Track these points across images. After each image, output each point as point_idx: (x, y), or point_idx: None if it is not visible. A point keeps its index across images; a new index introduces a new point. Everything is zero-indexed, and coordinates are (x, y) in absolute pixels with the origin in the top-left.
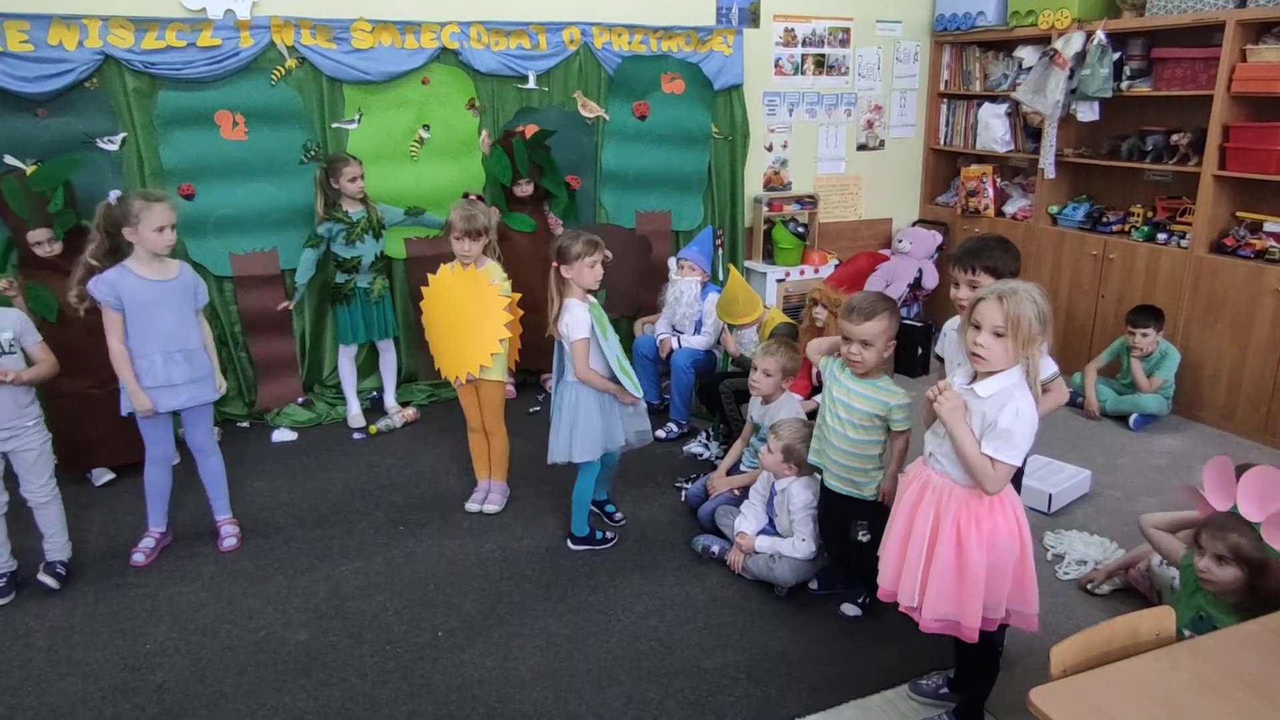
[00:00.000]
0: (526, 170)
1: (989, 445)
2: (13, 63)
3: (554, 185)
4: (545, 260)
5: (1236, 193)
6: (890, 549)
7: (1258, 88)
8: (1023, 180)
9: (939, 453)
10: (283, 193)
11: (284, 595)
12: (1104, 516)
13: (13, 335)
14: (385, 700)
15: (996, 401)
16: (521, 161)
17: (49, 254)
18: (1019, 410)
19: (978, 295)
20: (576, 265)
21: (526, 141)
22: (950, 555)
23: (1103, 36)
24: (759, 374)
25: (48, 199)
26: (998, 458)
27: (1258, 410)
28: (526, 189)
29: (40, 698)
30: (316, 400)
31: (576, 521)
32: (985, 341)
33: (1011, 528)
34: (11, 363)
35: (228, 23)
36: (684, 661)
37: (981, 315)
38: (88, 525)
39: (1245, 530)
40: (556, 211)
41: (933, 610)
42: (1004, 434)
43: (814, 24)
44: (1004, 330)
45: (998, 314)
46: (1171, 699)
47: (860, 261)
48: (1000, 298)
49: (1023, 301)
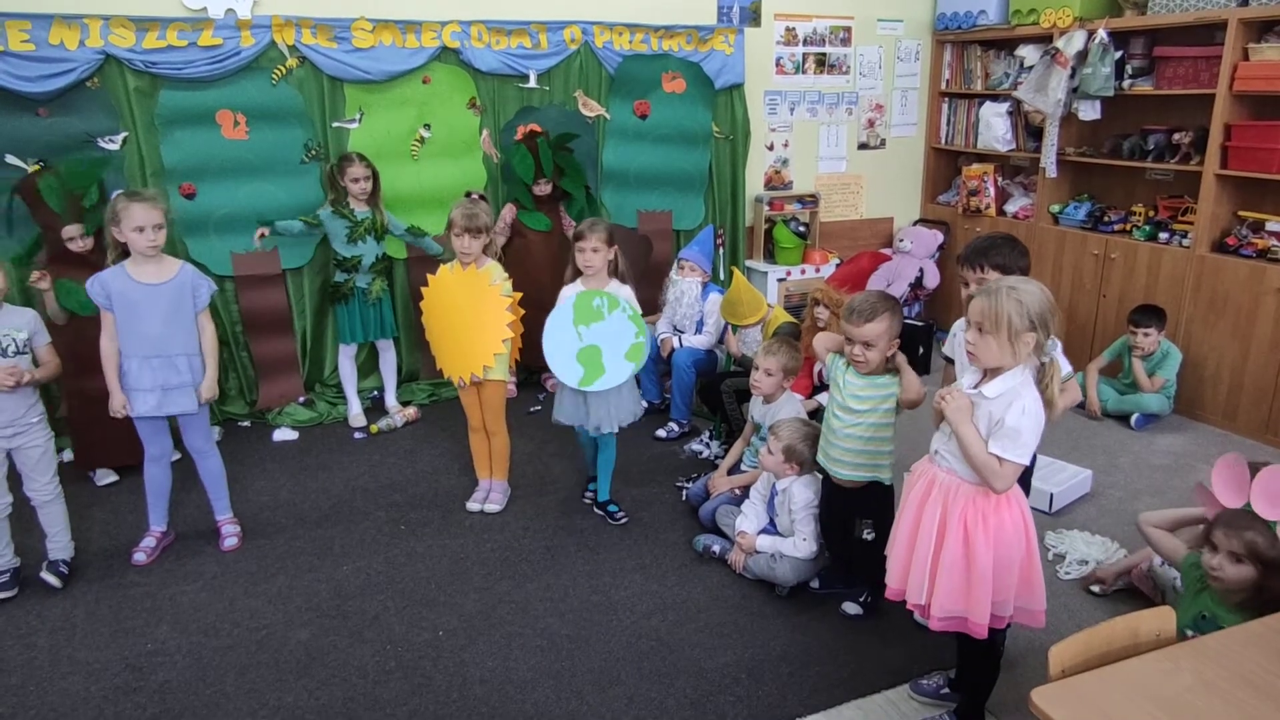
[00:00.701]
0: (550, 170)
1: (996, 444)
2: (14, 62)
3: (574, 187)
4: (556, 259)
5: (1238, 192)
6: (898, 547)
7: (1260, 86)
8: (1024, 179)
9: (945, 450)
10: (284, 192)
11: (285, 595)
12: (1105, 516)
13: (27, 335)
14: (386, 700)
15: (1004, 401)
16: (546, 161)
17: (81, 249)
18: (1025, 408)
19: (969, 293)
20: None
21: (551, 142)
22: (958, 552)
23: (1104, 35)
24: (760, 373)
25: (80, 195)
26: (1005, 456)
27: (1259, 410)
28: (545, 189)
29: (42, 696)
30: (317, 399)
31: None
32: (972, 338)
33: (1018, 524)
34: (26, 363)
35: (229, 22)
36: (685, 661)
37: (970, 312)
38: (90, 524)
39: (1260, 528)
40: (572, 214)
41: (941, 608)
42: (1011, 432)
43: (815, 23)
44: (986, 326)
45: (978, 310)
46: (1173, 699)
47: (862, 261)
48: (984, 294)
49: (1003, 298)
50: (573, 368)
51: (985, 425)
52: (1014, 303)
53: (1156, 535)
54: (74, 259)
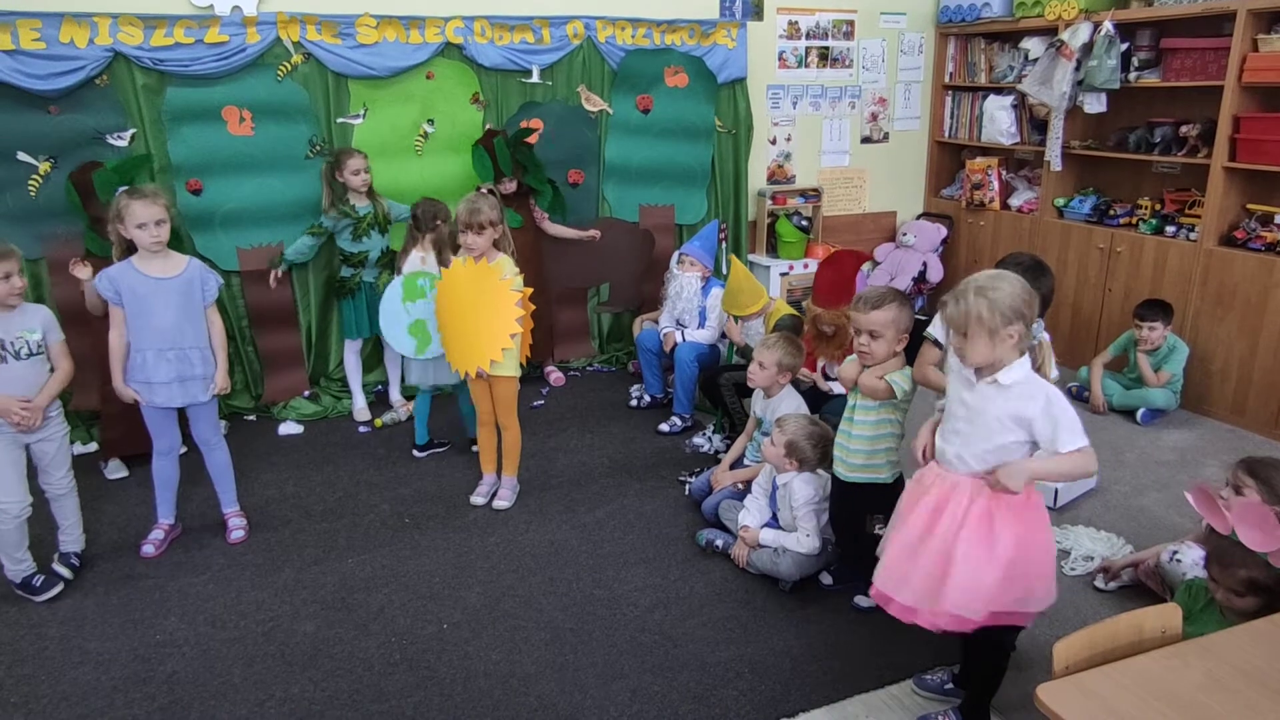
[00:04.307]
0: (510, 169)
1: (1065, 443)
2: (26, 60)
3: (537, 182)
4: (531, 254)
5: (1247, 185)
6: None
7: (1270, 78)
8: (1028, 173)
9: (966, 454)
10: (289, 187)
11: (291, 587)
12: (1111, 512)
13: (40, 335)
14: (392, 692)
15: (1023, 391)
16: (504, 160)
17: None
18: (1051, 397)
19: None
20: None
21: (508, 140)
22: (984, 548)
23: (1110, 27)
24: (754, 366)
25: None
26: (1078, 445)
27: (1268, 405)
28: (510, 187)
29: (54, 687)
30: (322, 393)
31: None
32: (956, 343)
33: (1041, 517)
34: (41, 363)
35: (235, 19)
36: (688, 655)
37: (946, 319)
38: (99, 517)
39: (1251, 560)
40: (543, 206)
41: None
42: (1066, 424)
43: (818, 16)
44: (963, 330)
45: (951, 316)
46: (1181, 696)
47: (843, 264)
48: (955, 299)
49: (971, 299)
50: (406, 339)
51: (1011, 422)
52: (983, 302)
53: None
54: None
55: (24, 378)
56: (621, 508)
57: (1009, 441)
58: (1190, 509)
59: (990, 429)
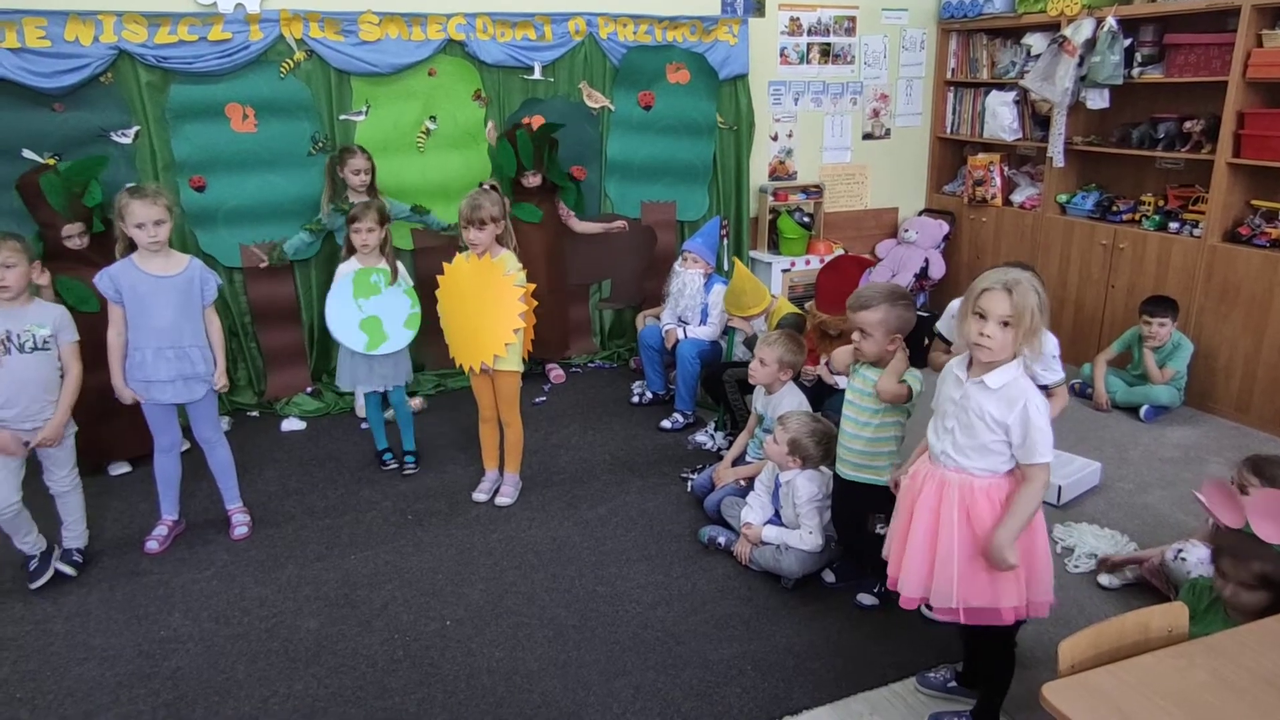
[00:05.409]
0: (531, 162)
1: (1029, 454)
2: (31, 58)
3: (558, 178)
4: (550, 251)
5: (1251, 181)
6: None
7: (1274, 73)
8: (1031, 169)
9: (952, 450)
10: (291, 184)
11: (294, 583)
12: (1115, 509)
13: (50, 331)
14: (395, 688)
15: (1008, 394)
16: (526, 153)
17: (79, 246)
18: (1038, 405)
19: (980, 284)
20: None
21: (532, 134)
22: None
23: (1113, 22)
24: (756, 362)
25: (80, 194)
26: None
27: (1273, 402)
28: (534, 180)
29: (59, 683)
30: (325, 390)
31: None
32: (991, 331)
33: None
34: (47, 359)
35: (238, 16)
36: (691, 652)
37: (987, 305)
38: (103, 514)
39: (1265, 553)
40: (568, 203)
41: (967, 601)
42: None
43: (819, 12)
44: (1011, 320)
45: (1005, 305)
46: (1188, 696)
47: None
48: (1008, 289)
49: (1028, 292)
50: (358, 335)
51: (991, 420)
52: (1035, 297)
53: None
54: (71, 256)
55: (27, 371)
56: (624, 504)
57: (990, 440)
58: (1195, 507)
59: (974, 427)
